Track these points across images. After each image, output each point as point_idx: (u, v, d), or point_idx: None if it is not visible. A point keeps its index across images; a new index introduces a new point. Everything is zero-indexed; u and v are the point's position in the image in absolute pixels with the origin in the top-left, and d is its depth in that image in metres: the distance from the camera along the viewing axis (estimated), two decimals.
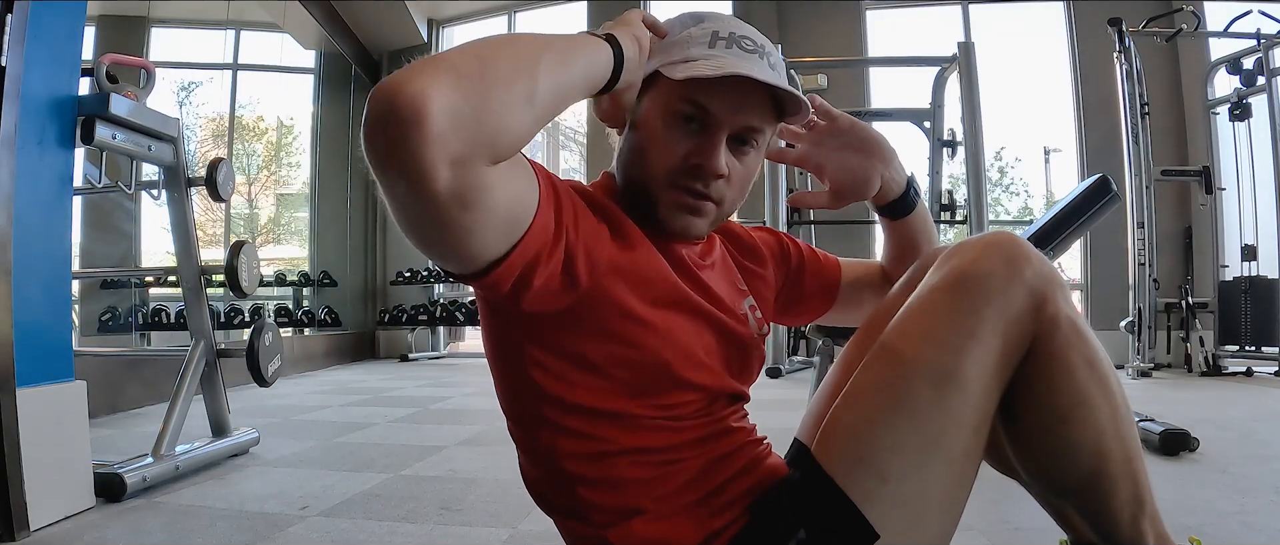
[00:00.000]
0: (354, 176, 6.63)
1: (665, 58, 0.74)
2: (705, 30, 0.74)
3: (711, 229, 0.79)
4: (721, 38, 0.74)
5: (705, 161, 0.72)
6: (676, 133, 0.73)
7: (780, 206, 4.47)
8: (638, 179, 0.76)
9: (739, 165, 0.75)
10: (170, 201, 2.18)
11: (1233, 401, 3.22)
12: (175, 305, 4.29)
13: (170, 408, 1.98)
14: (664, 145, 0.73)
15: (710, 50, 0.73)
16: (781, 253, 0.98)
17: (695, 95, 0.72)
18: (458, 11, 6.93)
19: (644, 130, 0.75)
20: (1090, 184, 2.12)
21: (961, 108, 4.37)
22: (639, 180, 0.76)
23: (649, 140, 0.75)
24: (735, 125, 0.73)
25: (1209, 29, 4.88)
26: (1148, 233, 4.45)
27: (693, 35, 0.74)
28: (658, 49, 0.75)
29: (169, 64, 4.89)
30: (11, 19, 1.48)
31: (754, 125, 0.74)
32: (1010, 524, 1.39)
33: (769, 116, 0.75)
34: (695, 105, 0.72)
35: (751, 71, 0.70)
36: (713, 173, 0.72)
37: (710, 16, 0.76)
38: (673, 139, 0.73)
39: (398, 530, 1.47)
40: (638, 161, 0.76)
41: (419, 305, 6.26)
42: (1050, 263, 0.76)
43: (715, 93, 0.71)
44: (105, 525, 1.51)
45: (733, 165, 0.74)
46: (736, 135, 0.74)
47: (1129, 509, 0.76)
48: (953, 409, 0.70)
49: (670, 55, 0.74)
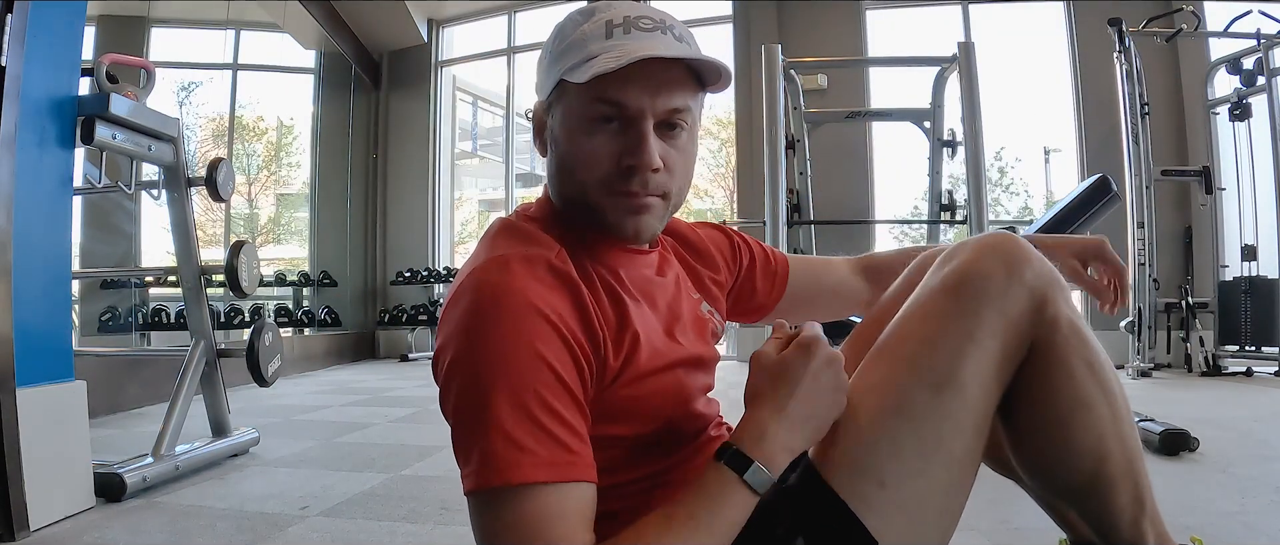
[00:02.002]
0: (354, 176, 6.63)
1: (565, 63, 0.68)
2: (598, 23, 0.69)
3: (664, 224, 0.75)
4: (616, 25, 0.68)
5: (637, 160, 0.67)
6: (599, 138, 0.68)
7: (780, 206, 4.47)
8: (574, 195, 0.71)
9: (674, 151, 0.70)
10: (170, 201, 2.18)
11: (1233, 401, 3.21)
12: (175, 305, 4.29)
13: (170, 408, 1.98)
14: (589, 154, 0.68)
15: (608, 41, 0.67)
16: (732, 251, 0.95)
17: (606, 93, 0.66)
18: (458, 11, 6.93)
19: (566, 144, 0.70)
20: (1090, 184, 2.12)
21: (961, 108, 4.37)
22: (575, 197, 0.71)
23: (573, 153, 0.69)
24: (658, 111, 0.68)
25: (1209, 29, 4.87)
26: (1148, 233, 4.45)
27: (587, 31, 0.69)
28: (556, 56, 0.70)
29: (169, 64, 4.89)
30: (11, 19, 1.48)
31: (676, 105, 0.69)
32: (1010, 524, 1.39)
33: (690, 91, 0.70)
34: (610, 103, 0.67)
35: (657, 50, 0.65)
36: (646, 168, 0.68)
37: (600, 7, 0.70)
38: (596, 145, 0.68)
39: (398, 530, 1.47)
40: (567, 178, 0.71)
41: (419, 305, 6.26)
42: (1050, 264, 0.75)
43: (627, 84, 0.66)
44: (105, 525, 1.51)
45: (667, 153, 0.69)
46: (662, 121, 0.68)
47: (1129, 510, 0.76)
48: (952, 412, 0.70)
49: (569, 58, 0.68)
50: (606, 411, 0.68)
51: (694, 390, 0.78)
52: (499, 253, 0.67)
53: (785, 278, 0.99)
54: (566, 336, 0.62)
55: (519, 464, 0.58)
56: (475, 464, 0.59)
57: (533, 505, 0.58)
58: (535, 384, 0.60)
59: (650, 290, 0.77)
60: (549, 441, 0.59)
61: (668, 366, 0.73)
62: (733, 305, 0.96)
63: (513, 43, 6.86)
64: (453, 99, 7.20)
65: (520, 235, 0.71)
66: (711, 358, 0.82)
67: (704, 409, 0.80)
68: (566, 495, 0.59)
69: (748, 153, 5.75)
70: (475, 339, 0.61)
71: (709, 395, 0.84)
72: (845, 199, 5.56)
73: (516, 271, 0.64)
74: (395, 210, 6.86)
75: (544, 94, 0.72)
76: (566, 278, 0.66)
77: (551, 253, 0.68)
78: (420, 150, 6.80)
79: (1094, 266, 0.97)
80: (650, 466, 0.74)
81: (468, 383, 0.61)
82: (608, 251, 0.74)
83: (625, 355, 0.69)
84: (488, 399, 0.59)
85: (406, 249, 6.73)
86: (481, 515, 0.60)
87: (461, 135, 8.05)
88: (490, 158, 8.60)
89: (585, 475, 0.61)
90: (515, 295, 0.62)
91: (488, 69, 7.34)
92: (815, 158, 5.17)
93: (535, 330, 0.61)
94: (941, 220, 4.83)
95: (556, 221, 0.74)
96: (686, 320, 0.80)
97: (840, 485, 0.70)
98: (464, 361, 0.61)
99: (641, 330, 0.71)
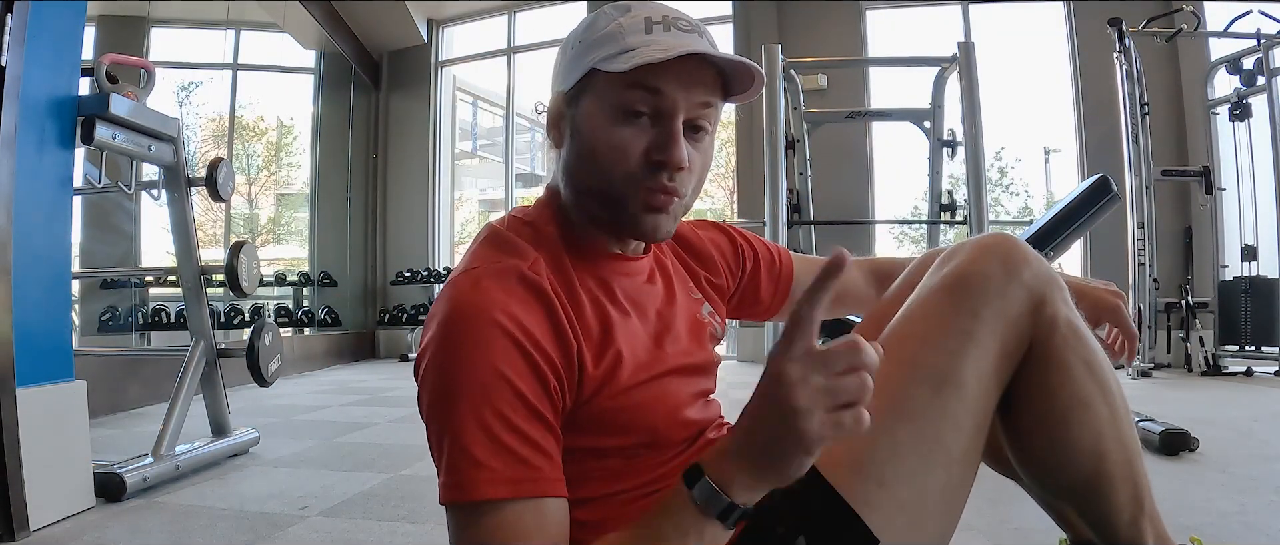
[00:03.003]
0: (354, 176, 6.64)
1: (599, 53, 0.68)
2: (636, 18, 0.68)
3: (676, 224, 0.74)
4: (656, 22, 0.68)
5: (668, 156, 0.67)
6: (629, 130, 0.67)
7: (780, 206, 4.47)
8: (594, 188, 0.70)
9: (697, 154, 0.70)
10: (170, 201, 2.18)
11: (1233, 401, 3.21)
12: (175, 305, 4.29)
13: (170, 408, 1.98)
14: (617, 146, 0.67)
15: (648, 36, 0.67)
16: (734, 252, 0.94)
17: (646, 84, 0.66)
18: (458, 11, 6.93)
19: (591, 134, 0.69)
20: (1090, 184, 2.12)
21: (961, 108, 4.37)
22: (596, 190, 0.70)
23: (599, 144, 0.68)
24: (691, 109, 0.68)
25: (1209, 29, 4.88)
26: (1148, 233, 4.45)
27: (625, 25, 0.68)
28: (587, 46, 0.69)
29: (169, 64, 4.89)
30: (11, 19, 1.48)
31: (707, 107, 0.69)
32: (1010, 524, 1.39)
33: (719, 96, 0.70)
34: (647, 95, 0.66)
35: (701, 47, 0.66)
36: (676, 166, 0.67)
37: (637, 4, 0.70)
38: (625, 137, 0.67)
39: (398, 530, 1.47)
40: (589, 170, 0.70)
41: (419, 305, 6.27)
42: (1048, 264, 0.76)
43: (665, 79, 0.66)
44: (105, 525, 1.51)
45: (691, 155, 0.69)
46: (690, 121, 0.68)
47: (1128, 509, 0.76)
48: (952, 411, 0.70)
49: (604, 49, 0.67)
50: (591, 422, 0.68)
51: (685, 398, 0.77)
52: (474, 266, 0.67)
53: (790, 278, 0.98)
54: (531, 353, 0.63)
55: (477, 481, 0.59)
56: (443, 477, 0.61)
57: (493, 521, 0.59)
58: (497, 403, 0.60)
59: (640, 299, 0.77)
60: (509, 458, 0.60)
61: (653, 378, 0.73)
62: (736, 306, 0.96)
63: (513, 43, 6.86)
64: (453, 99, 7.20)
65: (501, 244, 0.71)
66: (709, 362, 0.82)
67: (699, 414, 0.79)
68: (528, 510, 0.60)
69: (748, 153, 5.75)
70: (443, 355, 0.62)
71: (711, 398, 0.84)
72: (845, 199, 5.56)
73: (486, 288, 0.64)
74: (395, 210, 6.87)
75: (568, 84, 0.71)
76: (537, 289, 0.66)
77: (526, 263, 0.68)
78: (420, 150, 6.80)
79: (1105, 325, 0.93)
80: (642, 475, 0.73)
81: (435, 398, 0.62)
82: (598, 260, 0.74)
83: (606, 368, 0.69)
84: (451, 416, 0.60)
85: (406, 249, 6.73)
86: (452, 528, 0.62)
87: (461, 135, 8.05)
88: (490, 158, 8.61)
89: (549, 490, 0.61)
90: (481, 313, 0.62)
91: (488, 69, 7.34)
92: (815, 158, 5.17)
93: (498, 349, 0.61)
94: (941, 220, 4.83)
95: (552, 225, 0.73)
96: (680, 327, 0.79)
97: (841, 484, 0.70)
98: (433, 374, 0.63)
99: (625, 344, 0.71)
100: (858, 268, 1.03)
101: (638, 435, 0.72)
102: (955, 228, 4.86)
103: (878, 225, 5.89)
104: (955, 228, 4.86)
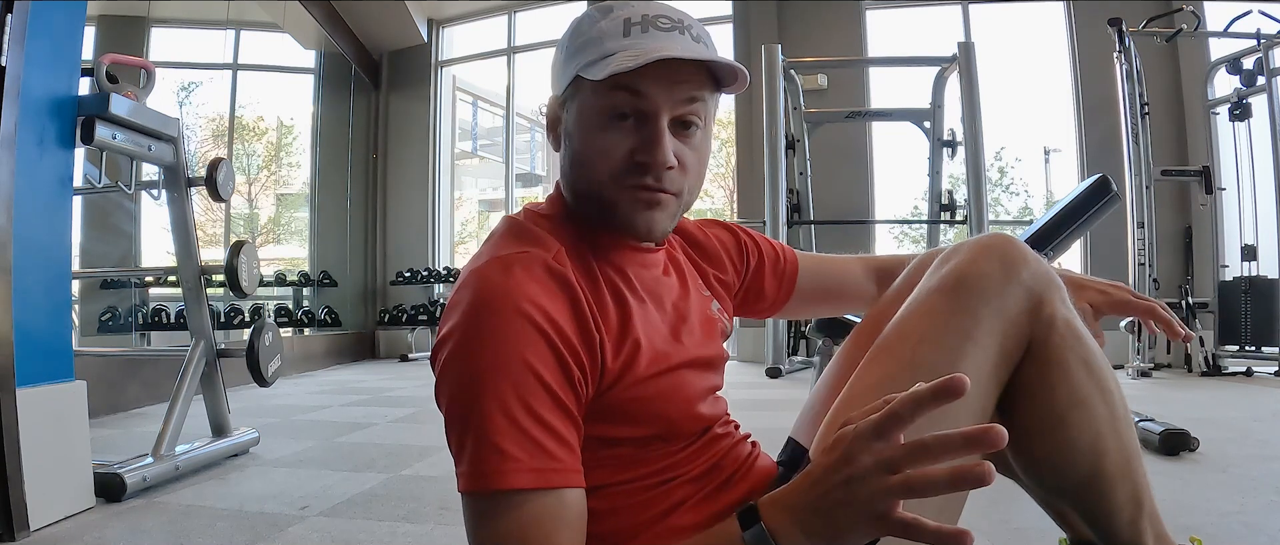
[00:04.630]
0: (354, 176, 6.64)
1: (581, 59, 0.69)
2: (616, 20, 0.69)
3: (676, 222, 0.75)
4: (635, 23, 0.68)
5: (652, 157, 0.67)
6: (614, 134, 0.68)
7: (780, 205, 4.47)
8: (586, 190, 0.71)
9: (688, 150, 0.70)
10: (170, 201, 2.18)
11: (1233, 401, 3.21)
12: (175, 305, 4.29)
13: (170, 408, 1.98)
14: (603, 149, 0.68)
15: (625, 39, 0.68)
16: (739, 251, 0.95)
17: (623, 89, 0.66)
18: (458, 11, 6.93)
19: (579, 139, 0.70)
20: (1090, 184, 2.12)
21: (961, 108, 4.37)
22: (588, 191, 0.71)
23: (587, 148, 0.70)
24: (675, 107, 0.68)
25: (1209, 29, 4.87)
26: (1148, 233, 4.45)
27: (605, 29, 0.69)
28: (572, 52, 0.70)
29: (169, 64, 4.89)
30: (11, 19, 1.48)
31: (692, 105, 0.69)
32: (1010, 524, 1.39)
33: (706, 90, 0.70)
34: (626, 100, 0.67)
35: (675, 51, 0.65)
36: (661, 166, 0.68)
37: (619, 5, 0.71)
38: (611, 141, 0.68)
39: (398, 530, 1.47)
40: (580, 173, 0.71)
41: (419, 305, 6.26)
42: (1047, 264, 0.76)
43: (643, 82, 0.66)
44: (105, 525, 1.51)
45: (681, 151, 0.69)
46: (678, 118, 0.69)
47: (1128, 509, 0.76)
48: (950, 411, 0.70)
49: (586, 55, 0.68)
50: (607, 412, 0.69)
51: (698, 391, 0.78)
52: (501, 253, 0.67)
53: (794, 276, 0.98)
54: (557, 343, 0.63)
55: (501, 471, 0.59)
56: (465, 466, 0.61)
57: (518, 512, 0.59)
58: (522, 392, 0.61)
59: (657, 290, 0.77)
60: (533, 449, 0.60)
61: (670, 369, 0.73)
62: (741, 303, 0.96)
63: (513, 43, 6.86)
64: (453, 99, 7.20)
65: (523, 235, 0.71)
66: (719, 358, 0.82)
67: (709, 409, 0.79)
68: (550, 501, 0.60)
69: (748, 153, 5.74)
70: (469, 342, 0.62)
71: (718, 394, 0.84)
72: (845, 199, 5.56)
73: (515, 275, 0.64)
74: (395, 210, 6.87)
75: (559, 89, 0.72)
76: (563, 279, 0.66)
77: (550, 254, 0.68)
78: (420, 150, 6.80)
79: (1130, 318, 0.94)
80: (652, 464, 0.74)
81: (458, 387, 0.62)
82: (616, 251, 0.75)
83: (625, 359, 0.69)
84: (476, 404, 0.60)
85: (406, 249, 6.73)
86: (471, 516, 0.62)
87: (461, 135, 8.05)
88: (490, 158, 8.61)
89: (570, 481, 0.62)
90: (509, 301, 0.62)
91: (488, 69, 7.34)
92: (815, 158, 5.17)
93: (525, 338, 0.62)
94: (941, 220, 4.84)
95: (567, 219, 0.74)
96: (694, 320, 0.80)
97: None
98: (457, 362, 0.63)
99: (643, 334, 0.71)
100: (859, 264, 1.04)
101: (652, 426, 0.72)
102: (955, 228, 4.86)
103: (878, 225, 5.89)
104: (955, 228, 4.86)
